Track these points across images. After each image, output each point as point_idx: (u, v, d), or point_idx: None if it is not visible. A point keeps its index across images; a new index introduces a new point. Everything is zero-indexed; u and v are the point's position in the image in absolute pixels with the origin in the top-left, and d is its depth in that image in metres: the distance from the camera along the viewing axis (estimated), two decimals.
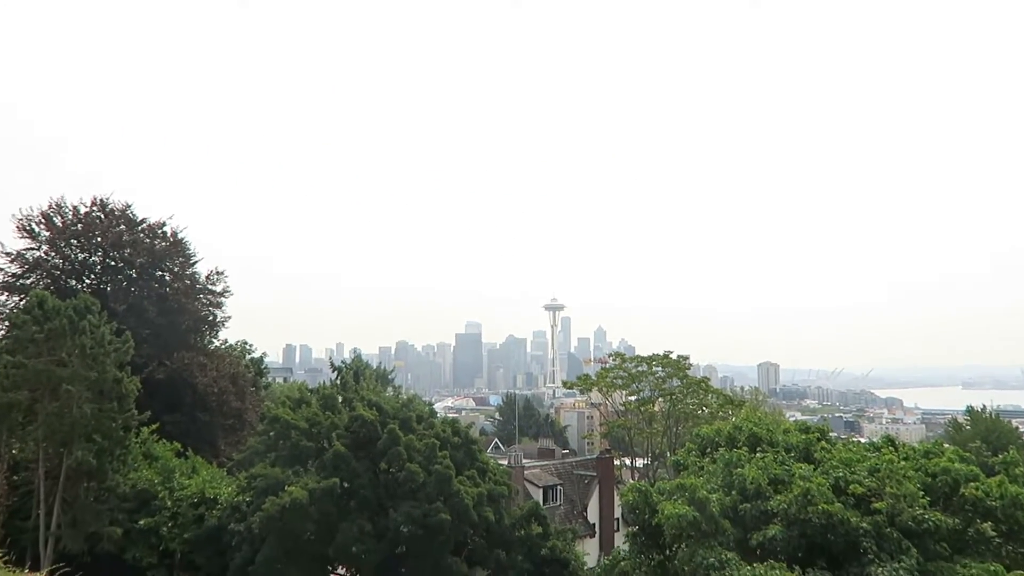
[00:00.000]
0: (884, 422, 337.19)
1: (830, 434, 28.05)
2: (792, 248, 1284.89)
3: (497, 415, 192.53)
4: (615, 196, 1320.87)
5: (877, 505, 20.12)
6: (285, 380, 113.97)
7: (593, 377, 72.53)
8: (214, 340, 47.81)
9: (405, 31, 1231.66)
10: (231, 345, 51.79)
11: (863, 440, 31.62)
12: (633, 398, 68.07)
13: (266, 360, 60.17)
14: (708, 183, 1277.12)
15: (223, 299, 46.52)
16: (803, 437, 24.99)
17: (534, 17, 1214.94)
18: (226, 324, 47.26)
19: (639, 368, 67.75)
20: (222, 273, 46.38)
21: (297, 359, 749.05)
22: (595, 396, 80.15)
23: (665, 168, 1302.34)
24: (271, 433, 35.91)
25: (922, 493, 20.48)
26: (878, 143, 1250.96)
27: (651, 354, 67.73)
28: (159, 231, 44.32)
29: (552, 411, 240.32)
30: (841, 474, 21.51)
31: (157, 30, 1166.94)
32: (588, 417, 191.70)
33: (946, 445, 26.37)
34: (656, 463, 66.98)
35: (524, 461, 62.01)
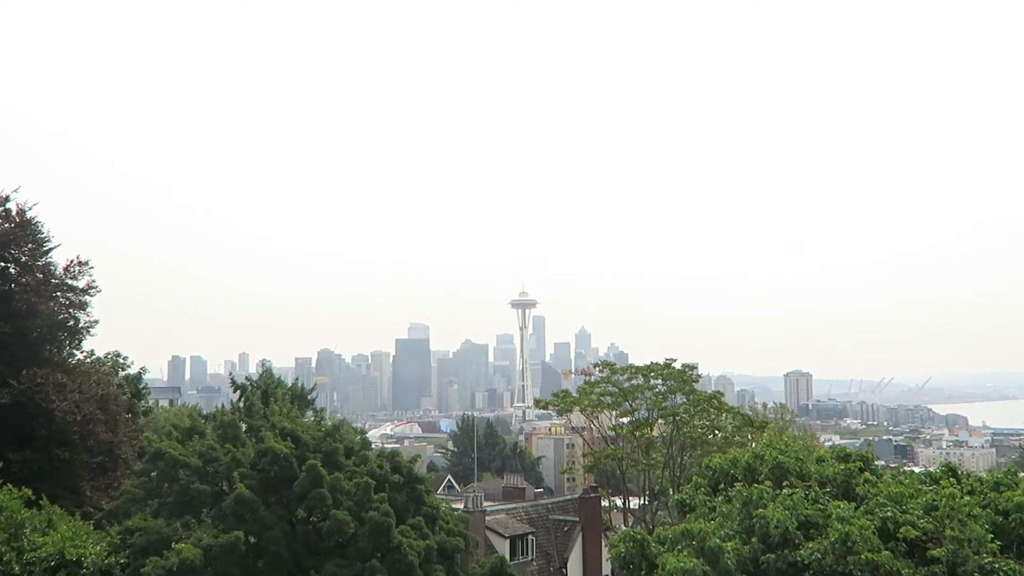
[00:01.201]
0: (944, 446, 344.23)
1: (876, 462, 28.43)
2: (822, 229, 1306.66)
3: (450, 445, 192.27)
4: (601, 169, 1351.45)
5: (935, 552, 20.45)
6: (172, 403, 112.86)
7: (574, 394, 72.87)
8: (76, 352, 46.84)
9: (404, 29, 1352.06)
10: (99, 358, 50.81)
11: (918, 469, 32.09)
12: (626, 420, 68.42)
13: (146, 377, 59.26)
14: (711, 166, 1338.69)
15: (88, 298, 45.56)
16: (842, 467, 25.30)
17: (534, 17, 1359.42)
18: (92, 331, 46.29)
19: (633, 381, 68.12)
20: (86, 264, 45.40)
21: (187, 375, 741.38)
22: (577, 418, 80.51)
23: (664, 147, 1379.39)
24: (153, 473, 35.39)
25: (991, 536, 20.86)
26: (892, 134, 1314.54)
27: (648, 363, 68.19)
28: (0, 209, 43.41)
29: (522, 438, 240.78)
30: (890, 514, 21.81)
31: (150, 24, 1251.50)
32: (568, 445, 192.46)
33: (1022, 474, 26.87)
34: (655, 503, 67.42)
35: (486, 504, 62.10)
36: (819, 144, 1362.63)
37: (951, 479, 24.63)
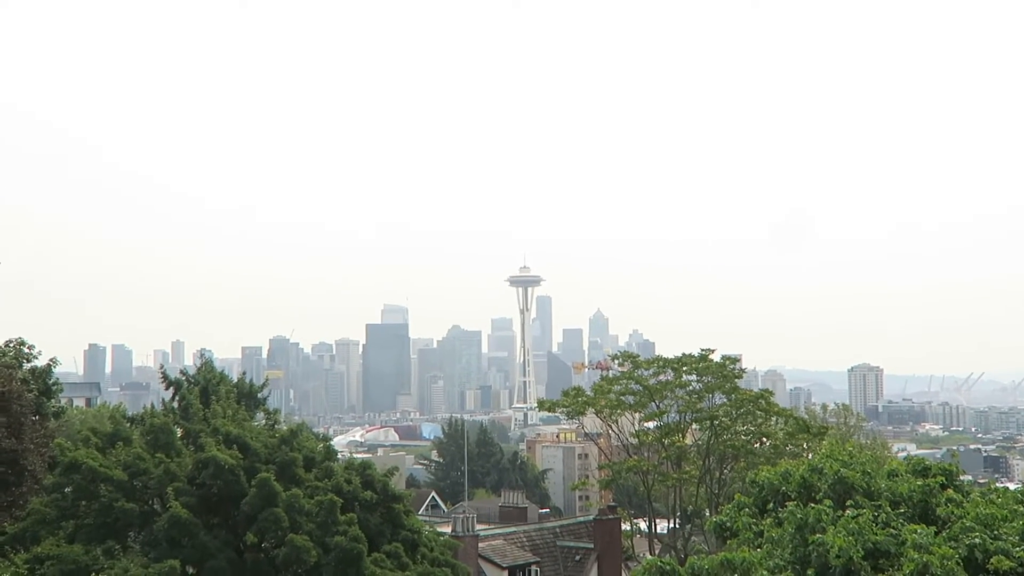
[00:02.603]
0: None
1: (962, 477, 28.51)
2: (893, 189, 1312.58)
3: (434, 454, 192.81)
4: (614, 127, 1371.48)
5: None
6: (89, 403, 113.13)
7: (588, 392, 72.99)
8: None
9: (399, 24, 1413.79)
10: None
11: (1013, 486, 32.20)
12: (652, 424, 68.59)
13: (57, 371, 59.30)
14: (735, 123, 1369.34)
15: None
16: (919, 483, 25.36)
17: (534, 17, 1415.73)
18: None
19: (661, 377, 68.25)
20: None
21: (108, 368, 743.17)
22: (591, 422, 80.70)
23: (684, 108, 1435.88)
24: (68, 489, 35.49)
25: None
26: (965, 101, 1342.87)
27: (679, 354, 68.32)
28: None
29: (523, 447, 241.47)
30: (979, 540, 21.87)
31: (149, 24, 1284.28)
32: (580, 456, 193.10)
33: None
34: (689, 526, 67.73)
35: (479, 527, 62.31)
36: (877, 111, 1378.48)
37: None
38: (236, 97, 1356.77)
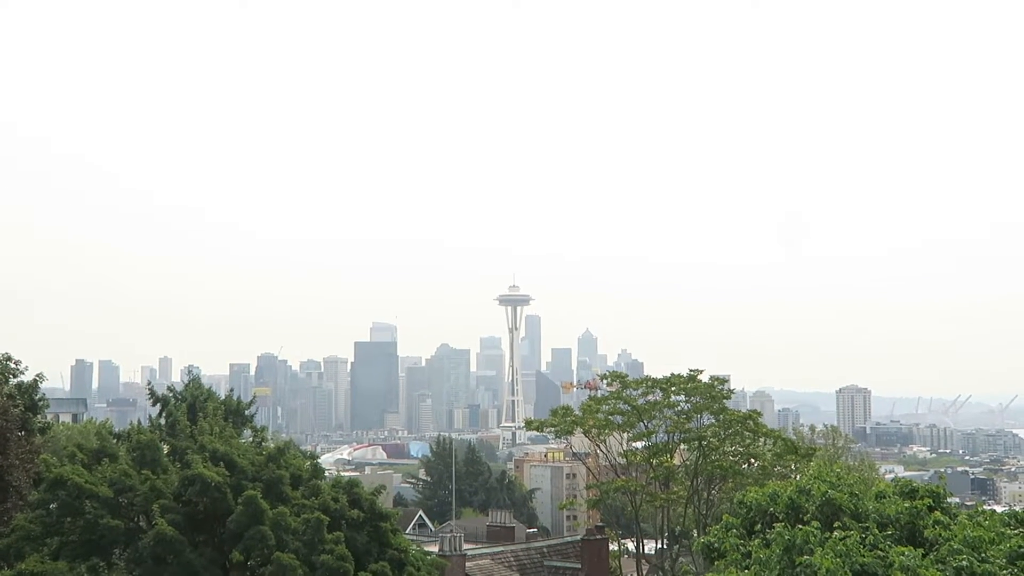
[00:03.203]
0: None
1: (949, 499, 28.55)
2: (878, 211, 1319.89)
3: (422, 473, 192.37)
4: (603, 148, 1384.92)
5: None
6: (76, 419, 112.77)
7: (577, 412, 72.93)
8: None
9: (398, 26, 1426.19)
10: None
11: (1000, 508, 32.26)
12: (640, 444, 68.58)
13: (44, 386, 59.08)
14: (723, 146, 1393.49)
15: None
16: (906, 505, 25.40)
17: (534, 16, 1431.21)
18: None
19: (649, 397, 68.25)
20: None
21: (95, 384, 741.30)
22: (579, 442, 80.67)
23: (675, 129, 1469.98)
24: (53, 506, 35.35)
25: None
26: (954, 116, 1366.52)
27: (668, 374, 68.32)
28: None
29: (511, 466, 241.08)
30: (966, 563, 21.90)
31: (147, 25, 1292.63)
32: (568, 475, 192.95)
33: None
34: (677, 547, 67.64)
35: (466, 547, 62.13)
36: (870, 127, 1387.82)
37: None
38: (227, 111, 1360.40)
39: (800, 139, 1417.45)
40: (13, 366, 53.85)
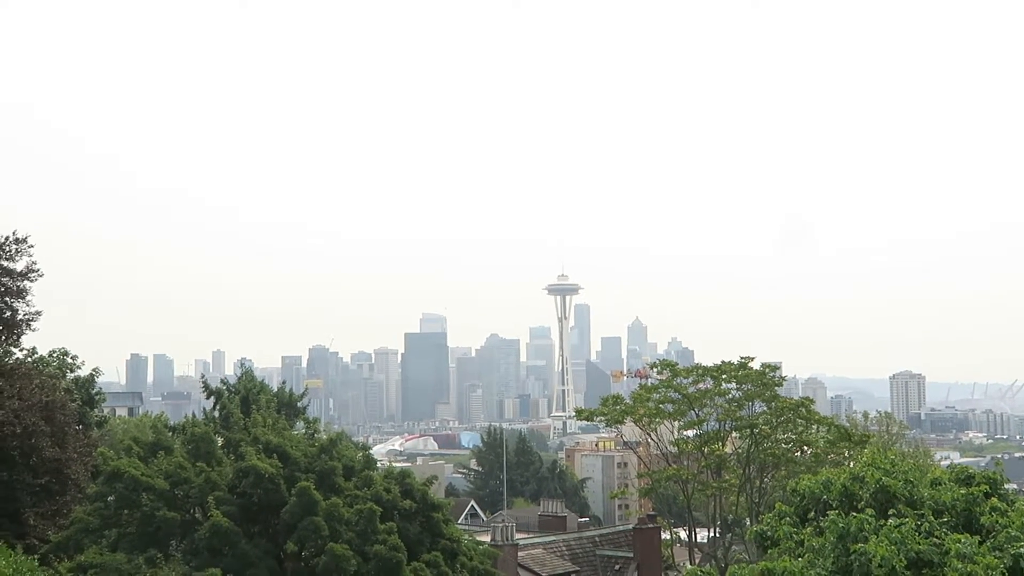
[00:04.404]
0: None
1: (1006, 486, 28.24)
2: (926, 194, 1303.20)
3: (473, 463, 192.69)
4: (649, 136, 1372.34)
5: None
6: (132, 412, 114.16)
7: (627, 400, 72.84)
8: (14, 350, 47.41)
9: (403, 27, 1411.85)
10: (43, 358, 51.48)
11: None
12: (691, 433, 68.37)
13: (100, 380, 59.97)
14: (764, 139, 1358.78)
15: (28, 283, 46.07)
16: (963, 492, 25.13)
17: (534, 17, 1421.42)
18: (33, 324, 46.82)
19: (700, 385, 68.02)
20: (24, 241, 45.90)
21: (150, 378, 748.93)
22: (630, 431, 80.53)
23: (718, 123, 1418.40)
24: (110, 498, 35.80)
25: None
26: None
27: (719, 362, 68.04)
28: None
29: (562, 455, 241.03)
30: (1023, 550, 21.69)
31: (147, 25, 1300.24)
32: (620, 465, 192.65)
33: None
34: (729, 536, 67.39)
35: (518, 536, 62.31)
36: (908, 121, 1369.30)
37: None
38: (269, 109, 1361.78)
39: (842, 132, 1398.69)
40: (70, 361, 54.70)
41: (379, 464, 46.81)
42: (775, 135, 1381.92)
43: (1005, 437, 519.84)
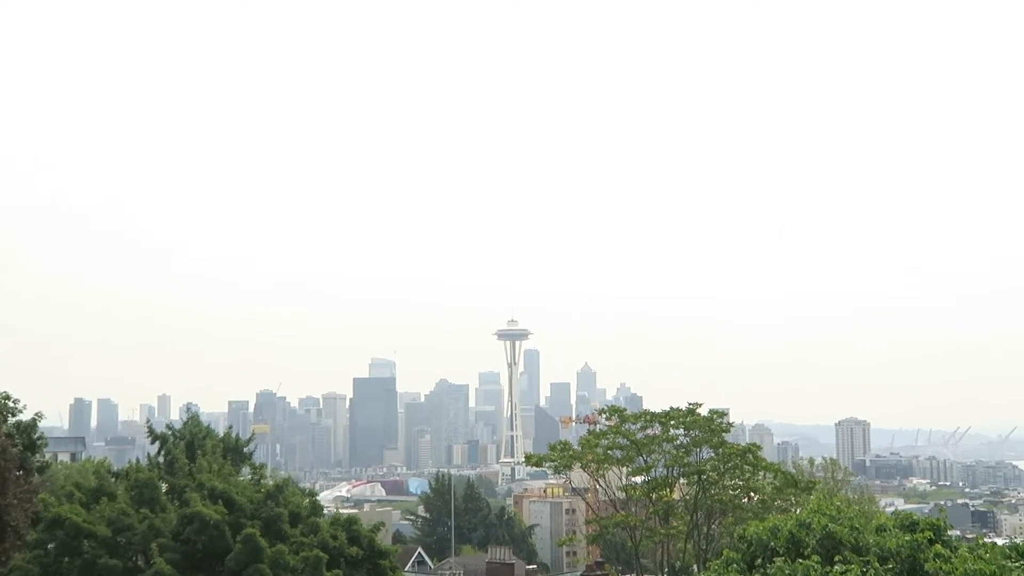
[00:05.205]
0: None
1: (949, 532, 28.49)
2: (875, 248, 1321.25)
3: (421, 510, 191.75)
4: (601, 180, 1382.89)
5: None
6: (74, 457, 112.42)
7: (576, 446, 72.82)
8: None
9: (396, 32, 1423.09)
10: None
11: (1001, 541, 32.17)
12: (639, 479, 68.39)
13: (43, 425, 58.99)
14: (730, 174, 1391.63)
15: None
16: (907, 538, 25.35)
17: (534, 17, 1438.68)
18: None
19: (648, 431, 68.19)
20: None
21: (93, 422, 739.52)
22: (579, 477, 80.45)
23: (674, 155, 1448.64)
24: (51, 545, 35.30)
25: None
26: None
27: (667, 408, 68.31)
28: None
29: (510, 502, 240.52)
30: None
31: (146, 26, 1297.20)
32: (568, 511, 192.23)
33: None
34: None
35: None
36: (871, 147, 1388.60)
37: None
38: (220, 142, 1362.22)
39: (790, 157, 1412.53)
40: (12, 405, 53.87)
41: (326, 511, 46.44)
42: (730, 174, 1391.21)
43: (948, 484, 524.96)
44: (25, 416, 54.86)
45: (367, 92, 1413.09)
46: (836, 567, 23.61)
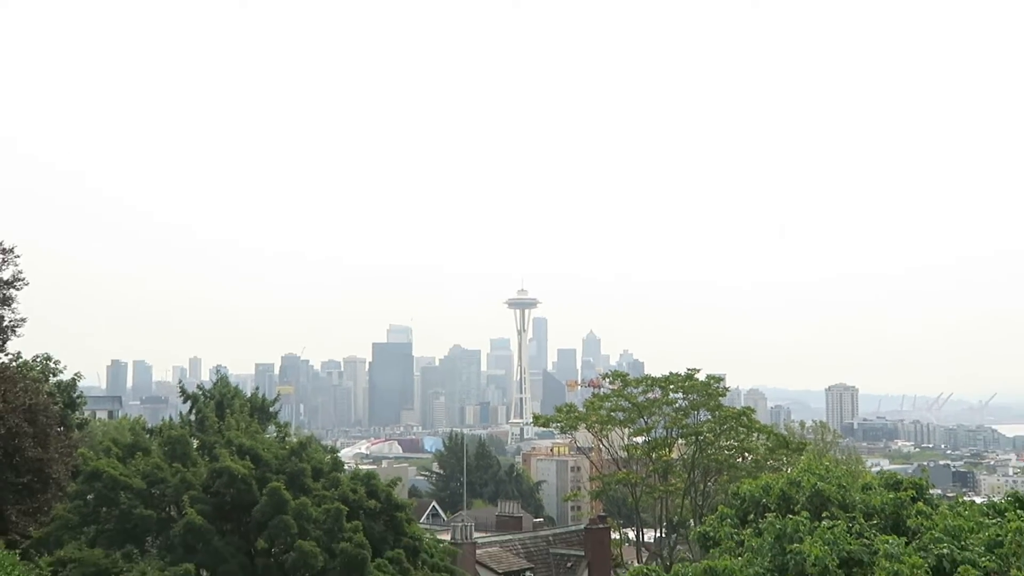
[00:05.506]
0: (1011, 472, 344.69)
1: (931, 491, 28.52)
2: (871, 230, 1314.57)
3: (435, 466, 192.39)
4: (609, 162, 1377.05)
5: None
6: (111, 415, 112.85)
7: (581, 408, 72.97)
8: None
9: (398, 29, 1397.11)
10: (26, 362, 50.76)
11: (979, 500, 32.17)
12: (640, 439, 68.55)
13: (82, 385, 59.24)
14: (732, 165, 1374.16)
15: (13, 291, 45.64)
16: (891, 496, 25.37)
17: (534, 17, 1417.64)
18: (18, 330, 46.36)
19: (649, 395, 68.30)
20: (11, 251, 45.49)
21: (129, 383, 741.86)
22: (583, 437, 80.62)
23: (681, 143, 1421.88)
24: (90, 496, 35.48)
25: None
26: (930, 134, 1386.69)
27: (667, 373, 68.36)
28: None
29: (519, 459, 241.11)
30: (947, 550, 21.87)
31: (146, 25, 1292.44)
32: (573, 468, 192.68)
33: None
34: (674, 536, 67.56)
35: (477, 535, 62.25)
36: (867, 143, 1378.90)
37: (1018, 511, 24.68)
38: (245, 131, 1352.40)
39: (793, 152, 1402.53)
40: (53, 366, 54.07)
41: (346, 466, 46.54)
42: (746, 150, 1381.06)
43: (931, 446, 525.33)
44: (65, 376, 55.21)
45: (372, 85, 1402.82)
46: (824, 522, 23.67)
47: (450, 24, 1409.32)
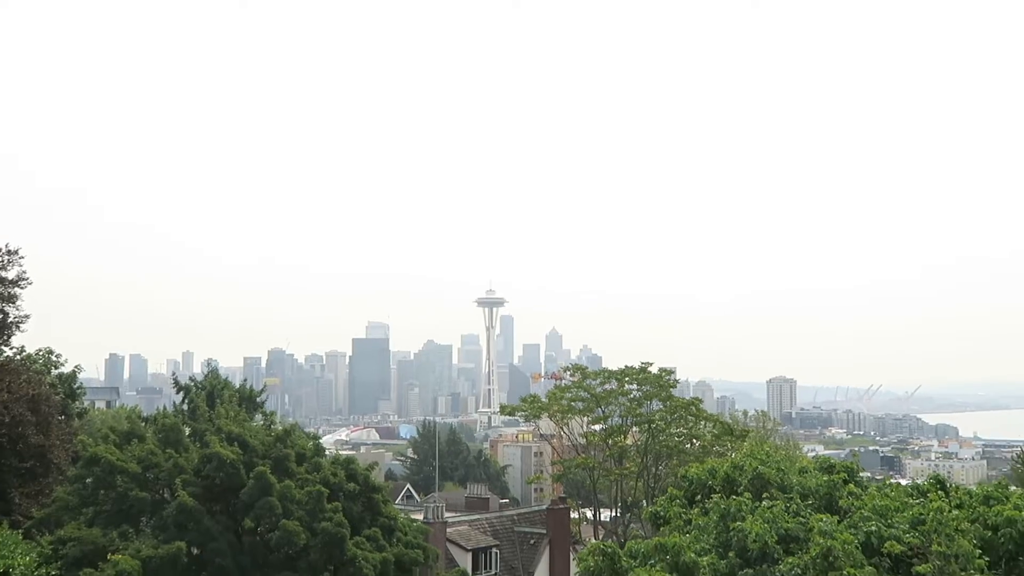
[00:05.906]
0: (933, 457, 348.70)
1: (861, 474, 28.80)
2: (809, 234, 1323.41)
3: (410, 452, 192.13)
4: (581, 173, 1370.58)
5: (920, 569, 20.75)
6: (109, 405, 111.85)
7: (543, 399, 73.02)
8: (5, 348, 46.51)
9: (397, 24, 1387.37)
10: (30, 356, 50.34)
11: (905, 482, 32.51)
12: (598, 427, 68.70)
13: (81, 376, 58.79)
14: (703, 174, 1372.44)
15: (18, 290, 45.26)
16: (825, 479, 25.60)
17: (534, 17, 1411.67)
18: (23, 326, 45.99)
19: (606, 386, 68.41)
20: (15, 253, 45.12)
21: (126, 375, 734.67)
22: (546, 425, 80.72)
23: (656, 157, 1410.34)
24: (88, 480, 35.21)
25: (980, 552, 21.19)
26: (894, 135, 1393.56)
27: (623, 367, 68.54)
28: None
29: (487, 446, 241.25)
30: (874, 528, 22.09)
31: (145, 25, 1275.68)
32: (536, 454, 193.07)
33: (1013, 488, 27.30)
34: (628, 515, 67.76)
35: (447, 515, 62.16)
36: (818, 150, 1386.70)
37: (939, 492, 24.95)
38: (224, 144, 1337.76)
39: (758, 159, 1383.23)
40: (54, 359, 53.66)
41: (327, 452, 46.36)
42: (717, 163, 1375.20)
43: (862, 433, 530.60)
44: (66, 369, 54.75)
45: (365, 89, 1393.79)
46: (764, 503, 23.84)
47: (418, 31, 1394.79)
